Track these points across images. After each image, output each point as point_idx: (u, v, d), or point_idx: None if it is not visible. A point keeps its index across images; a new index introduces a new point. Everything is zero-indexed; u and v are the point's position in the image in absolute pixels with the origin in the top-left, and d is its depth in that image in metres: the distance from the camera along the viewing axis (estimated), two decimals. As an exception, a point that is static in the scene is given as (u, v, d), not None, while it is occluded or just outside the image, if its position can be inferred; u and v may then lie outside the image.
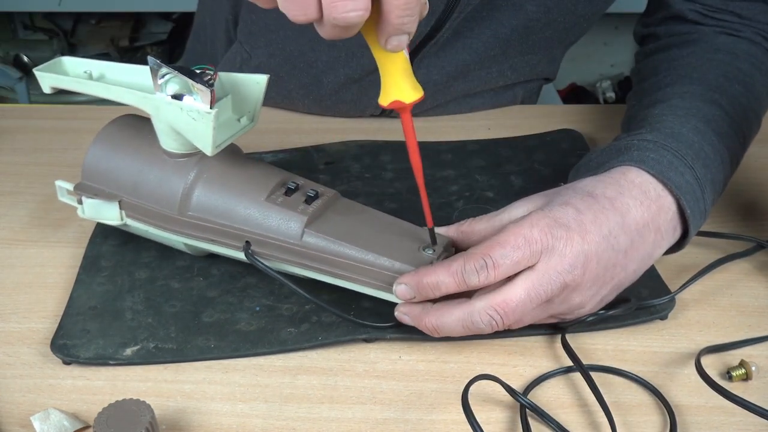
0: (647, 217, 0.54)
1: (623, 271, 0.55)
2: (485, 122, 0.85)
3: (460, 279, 0.52)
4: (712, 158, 0.59)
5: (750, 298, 0.61)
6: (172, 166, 0.58)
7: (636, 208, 0.54)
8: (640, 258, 0.55)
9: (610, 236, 0.53)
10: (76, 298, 0.60)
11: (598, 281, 0.53)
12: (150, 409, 0.47)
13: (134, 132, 0.61)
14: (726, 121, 0.62)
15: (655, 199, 0.55)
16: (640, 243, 0.54)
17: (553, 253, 0.51)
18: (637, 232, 0.54)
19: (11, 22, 2.05)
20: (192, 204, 0.58)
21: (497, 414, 0.52)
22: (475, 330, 0.52)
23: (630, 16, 0.83)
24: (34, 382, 0.54)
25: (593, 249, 0.52)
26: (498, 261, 0.51)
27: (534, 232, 0.51)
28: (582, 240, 0.52)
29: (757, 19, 0.70)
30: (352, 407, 0.52)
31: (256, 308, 0.59)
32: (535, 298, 0.51)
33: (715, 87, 0.65)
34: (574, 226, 0.52)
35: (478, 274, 0.51)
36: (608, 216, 0.53)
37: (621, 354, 0.56)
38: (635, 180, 0.55)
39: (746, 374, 0.54)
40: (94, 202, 0.60)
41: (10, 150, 0.80)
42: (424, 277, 0.53)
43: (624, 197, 0.54)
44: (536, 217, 0.52)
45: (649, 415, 0.52)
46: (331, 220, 0.58)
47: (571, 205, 0.53)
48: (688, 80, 0.66)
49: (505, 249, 0.51)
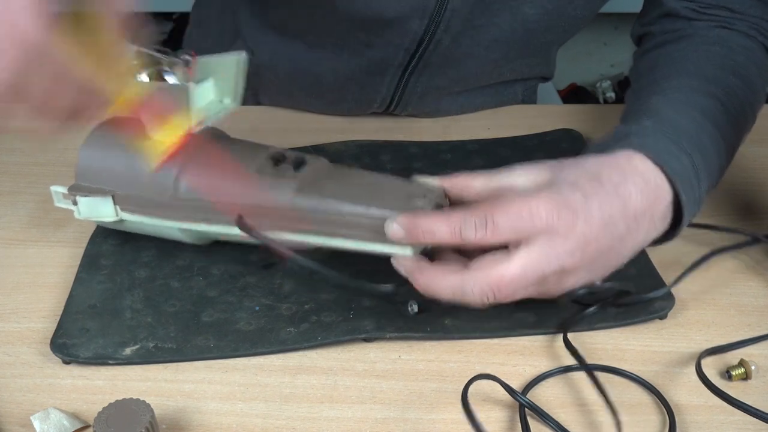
0: (645, 206, 0.55)
1: (616, 257, 0.55)
2: (485, 122, 0.85)
3: (456, 230, 0.51)
4: (708, 148, 0.59)
5: (750, 298, 0.61)
6: None
7: (637, 196, 0.54)
8: (633, 245, 0.56)
9: (611, 223, 0.53)
10: (76, 297, 0.60)
11: (594, 265, 0.54)
12: (150, 409, 0.47)
13: (123, 128, 0.62)
14: (722, 112, 0.63)
15: (654, 188, 0.55)
16: (636, 230, 0.55)
17: (556, 234, 0.51)
18: (634, 219, 0.54)
19: (11, 22, 2.05)
20: (183, 186, 0.59)
21: (497, 413, 0.52)
22: (464, 300, 0.52)
23: (629, 16, 0.83)
24: (34, 382, 0.54)
25: (594, 235, 0.52)
26: (498, 224, 0.51)
27: (541, 210, 0.51)
28: (585, 225, 0.52)
29: (750, 13, 0.71)
30: (351, 407, 0.52)
31: (256, 308, 0.59)
32: (530, 277, 0.51)
33: (712, 79, 0.65)
34: (580, 210, 0.52)
35: (476, 231, 0.51)
36: (612, 203, 0.53)
37: (620, 353, 0.56)
38: (638, 167, 0.55)
39: (746, 374, 0.54)
40: (89, 200, 0.60)
41: (10, 150, 0.80)
42: (419, 220, 0.52)
43: (627, 184, 0.54)
44: (545, 195, 0.52)
45: (648, 414, 0.52)
46: (321, 182, 0.58)
47: (580, 189, 0.53)
48: (685, 73, 0.66)
49: (508, 215, 0.51)
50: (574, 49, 0.91)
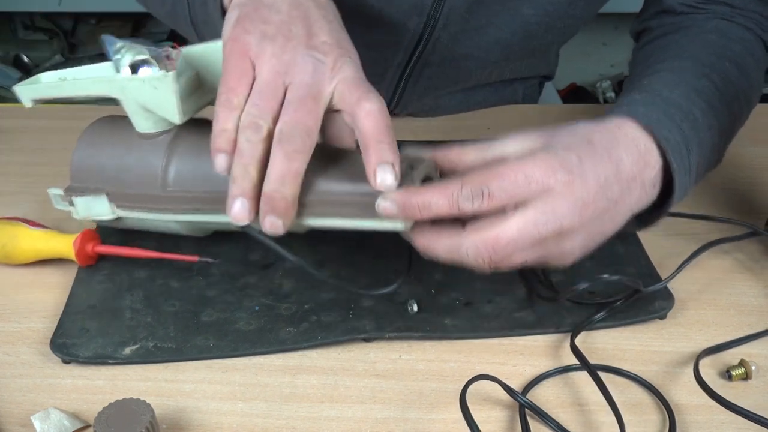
0: (635, 171, 0.55)
1: (611, 222, 0.55)
2: (485, 122, 0.85)
3: (454, 202, 0.51)
4: (700, 121, 0.59)
5: (749, 297, 0.61)
6: (148, 146, 0.59)
7: (627, 161, 0.54)
8: (625, 210, 0.55)
9: (606, 185, 0.53)
10: (76, 297, 0.60)
11: (590, 228, 0.54)
12: (150, 409, 0.47)
13: (112, 128, 0.62)
14: (716, 94, 0.63)
15: (644, 153, 0.55)
16: (628, 195, 0.55)
17: (553, 195, 0.51)
18: (627, 183, 0.54)
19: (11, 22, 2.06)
20: (171, 178, 0.58)
21: (496, 413, 0.52)
22: (460, 262, 0.52)
23: (629, 16, 0.83)
24: (34, 382, 0.54)
25: (591, 196, 0.52)
26: (494, 193, 0.50)
27: (536, 172, 0.51)
28: (582, 186, 0.52)
29: (749, 8, 0.71)
30: (351, 406, 0.52)
31: (255, 308, 0.59)
32: (527, 238, 0.51)
33: (707, 64, 0.65)
34: (576, 171, 0.52)
35: (473, 202, 0.50)
36: (605, 165, 0.53)
37: (620, 353, 0.56)
38: (629, 133, 0.56)
39: (746, 373, 0.54)
40: (84, 199, 0.61)
41: (10, 150, 0.80)
42: (413, 196, 0.51)
43: (618, 149, 0.54)
44: (540, 158, 0.52)
45: (648, 414, 0.52)
46: (309, 164, 0.55)
47: (574, 151, 0.53)
48: (679, 58, 0.66)
49: (503, 182, 0.51)
50: (574, 49, 0.91)
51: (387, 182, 0.50)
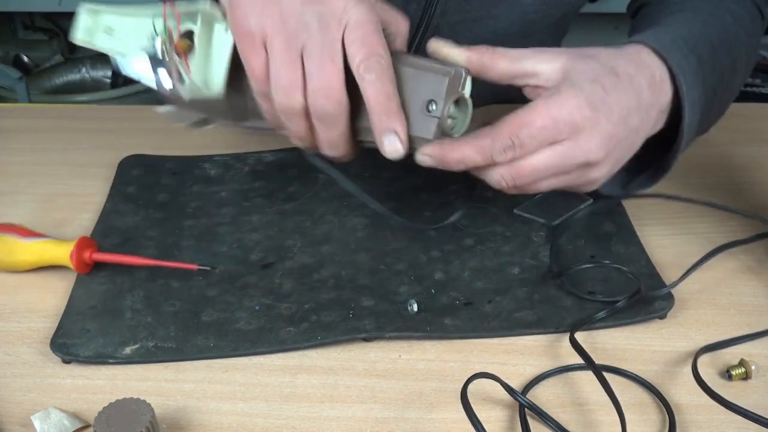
0: (653, 99, 0.57)
1: (629, 147, 0.58)
2: (484, 119, 0.85)
3: (488, 156, 0.55)
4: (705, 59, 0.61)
5: (750, 297, 0.61)
6: None
7: (646, 89, 0.57)
8: (644, 135, 0.59)
9: (628, 116, 0.56)
10: (76, 297, 0.60)
11: (614, 157, 0.57)
12: (150, 409, 0.47)
13: None
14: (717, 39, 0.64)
15: (659, 81, 0.58)
16: (647, 121, 0.58)
17: (582, 132, 0.54)
18: (645, 111, 0.57)
19: (11, 22, 2.06)
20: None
21: (496, 413, 0.52)
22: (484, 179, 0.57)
23: (629, 16, 0.83)
24: (34, 382, 0.54)
25: (615, 130, 0.55)
26: (525, 141, 0.54)
27: (563, 113, 0.54)
28: (608, 121, 0.55)
29: None
30: (352, 406, 0.52)
31: (256, 307, 0.59)
32: (553, 169, 0.55)
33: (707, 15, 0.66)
34: (601, 108, 0.54)
35: (505, 152, 0.54)
36: (629, 97, 0.56)
37: (620, 353, 0.56)
38: (646, 61, 0.58)
39: (746, 373, 0.54)
40: None
41: (10, 150, 0.80)
42: (449, 152, 0.55)
43: (640, 77, 0.57)
44: (566, 97, 0.54)
45: (648, 414, 0.52)
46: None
47: (599, 83, 0.55)
48: (679, 10, 0.69)
49: (532, 130, 0.54)
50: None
51: (392, 148, 0.54)
